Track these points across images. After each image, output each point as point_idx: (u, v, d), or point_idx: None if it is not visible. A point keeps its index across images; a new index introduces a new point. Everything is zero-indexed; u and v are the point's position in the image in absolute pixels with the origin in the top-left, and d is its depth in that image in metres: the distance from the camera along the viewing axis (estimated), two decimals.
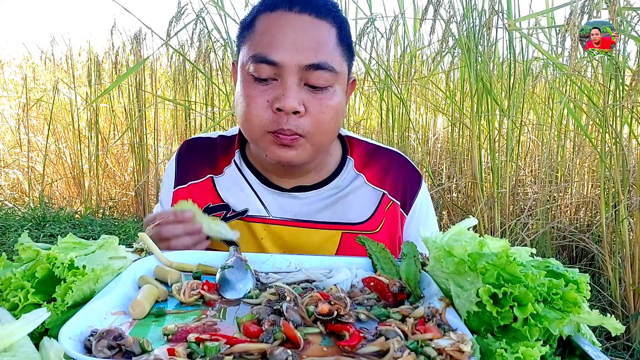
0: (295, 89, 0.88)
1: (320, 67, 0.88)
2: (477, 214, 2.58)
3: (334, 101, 0.92)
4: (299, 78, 0.89)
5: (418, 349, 0.52)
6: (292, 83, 0.88)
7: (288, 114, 0.88)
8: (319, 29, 0.90)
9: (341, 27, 0.94)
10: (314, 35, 0.89)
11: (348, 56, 0.96)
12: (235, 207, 1.04)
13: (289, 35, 0.88)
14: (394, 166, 1.08)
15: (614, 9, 1.95)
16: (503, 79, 3.05)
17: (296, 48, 0.87)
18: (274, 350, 0.50)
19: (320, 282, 0.74)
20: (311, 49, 0.88)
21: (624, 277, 2.33)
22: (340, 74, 0.92)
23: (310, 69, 0.88)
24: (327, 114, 0.91)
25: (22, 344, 0.47)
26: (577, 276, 0.57)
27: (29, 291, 0.57)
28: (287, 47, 0.88)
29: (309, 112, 0.90)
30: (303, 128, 0.90)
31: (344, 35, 0.94)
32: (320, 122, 0.91)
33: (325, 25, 0.91)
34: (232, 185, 1.06)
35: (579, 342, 0.56)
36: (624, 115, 2.36)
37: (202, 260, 0.80)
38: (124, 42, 4.35)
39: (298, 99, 0.88)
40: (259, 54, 0.89)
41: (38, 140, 4.88)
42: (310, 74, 0.88)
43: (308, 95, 0.90)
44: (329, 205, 1.04)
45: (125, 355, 0.51)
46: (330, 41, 0.91)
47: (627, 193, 2.32)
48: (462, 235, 0.67)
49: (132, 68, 3.93)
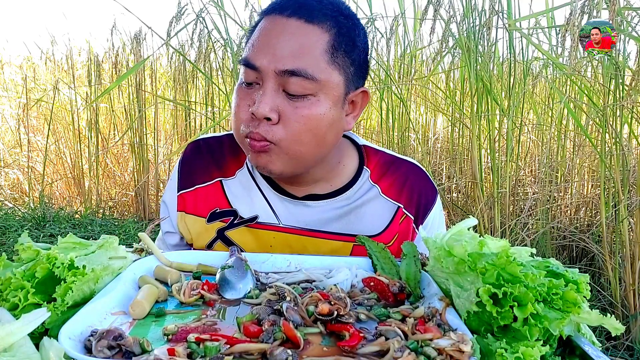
0: (270, 95, 0.85)
1: (296, 73, 0.84)
2: (477, 214, 2.58)
3: (314, 111, 0.86)
4: (277, 84, 0.86)
5: (418, 349, 0.52)
6: (267, 88, 0.86)
7: (260, 119, 0.86)
8: (306, 34, 0.85)
9: (340, 33, 0.88)
10: (298, 41, 0.85)
11: (347, 65, 0.89)
12: (244, 213, 1.01)
13: (271, 40, 0.86)
14: (410, 178, 1.05)
15: (614, 9, 1.95)
16: (503, 79, 3.05)
17: (275, 53, 0.85)
18: (274, 350, 0.50)
19: (320, 282, 0.74)
20: (290, 54, 0.84)
21: (624, 277, 2.33)
22: (325, 83, 0.86)
23: (286, 74, 0.84)
24: (303, 123, 0.86)
25: (22, 344, 0.47)
26: (577, 276, 0.57)
27: (29, 291, 0.57)
28: (267, 52, 0.86)
29: (283, 120, 0.86)
30: (274, 135, 0.86)
31: (343, 42, 0.88)
32: (294, 132, 0.86)
33: (315, 31, 0.86)
34: (242, 189, 1.03)
35: (579, 342, 0.56)
36: (624, 115, 2.36)
37: (202, 260, 0.80)
38: (124, 42, 4.35)
39: (271, 105, 0.85)
40: (244, 57, 0.88)
41: (38, 140, 4.88)
42: (286, 80, 0.84)
43: (285, 102, 0.86)
44: (342, 215, 1.01)
45: (125, 355, 0.51)
46: (317, 48, 0.85)
47: (627, 193, 2.32)
48: (462, 235, 0.67)
49: (132, 68, 3.93)
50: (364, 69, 0.95)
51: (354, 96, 0.93)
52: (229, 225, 1.01)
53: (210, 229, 1.02)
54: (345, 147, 1.05)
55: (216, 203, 1.02)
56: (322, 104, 0.87)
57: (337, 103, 0.90)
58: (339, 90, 0.89)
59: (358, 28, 0.92)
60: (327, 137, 0.91)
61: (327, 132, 0.90)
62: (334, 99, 0.88)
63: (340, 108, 0.91)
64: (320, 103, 0.87)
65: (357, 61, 0.92)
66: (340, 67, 0.88)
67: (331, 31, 0.87)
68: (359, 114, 0.97)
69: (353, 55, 0.90)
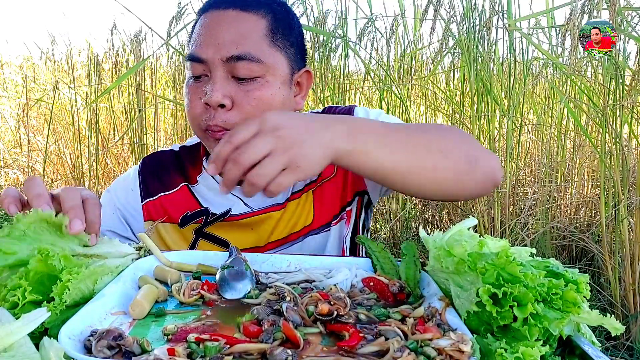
0: (221, 83, 0.90)
1: (241, 58, 0.89)
2: (477, 214, 2.58)
3: (264, 92, 0.91)
4: (225, 71, 0.90)
5: (418, 349, 0.52)
6: (217, 77, 0.90)
7: (215, 108, 0.90)
8: (243, 22, 0.91)
9: (276, 18, 0.94)
10: (237, 28, 0.91)
11: (287, 47, 0.96)
12: (216, 210, 1.04)
13: (212, 32, 0.91)
14: (334, 112, 1.09)
15: (614, 9, 1.95)
16: (503, 79, 3.05)
17: (218, 42, 0.90)
18: (273, 350, 0.50)
19: (320, 282, 0.74)
20: (232, 41, 0.90)
21: (624, 277, 2.33)
22: (270, 65, 0.92)
23: (232, 60, 0.89)
24: (256, 105, 0.91)
25: (22, 344, 0.47)
26: (577, 276, 0.57)
27: (26, 289, 0.57)
28: (210, 43, 0.91)
29: (237, 105, 0.91)
30: (231, 122, 0.90)
31: (280, 26, 0.94)
32: (250, 114, 0.91)
33: (252, 17, 0.92)
34: (207, 191, 1.06)
35: (579, 342, 0.56)
36: (624, 115, 2.36)
37: (202, 260, 0.80)
38: (124, 42, 4.34)
39: (223, 92, 0.89)
40: (189, 53, 0.93)
41: (38, 140, 4.88)
42: (234, 66, 0.90)
43: (236, 87, 0.91)
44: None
45: (125, 355, 0.51)
46: (257, 32, 0.91)
47: (627, 193, 2.31)
48: (462, 235, 0.67)
49: (132, 68, 3.93)
50: (303, 50, 1.02)
51: (299, 77, 1.00)
52: (204, 224, 1.04)
53: (185, 232, 1.05)
54: None
55: (186, 207, 1.06)
56: (272, 84, 0.92)
57: (285, 83, 0.95)
58: (285, 71, 0.95)
59: (291, 13, 1.00)
60: None
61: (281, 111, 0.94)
62: (281, 80, 0.94)
63: (289, 88, 0.97)
64: (269, 84, 0.92)
65: (296, 43, 0.98)
66: (282, 49, 0.94)
67: (267, 17, 0.93)
68: (306, 93, 1.03)
69: (291, 38, 0.97)
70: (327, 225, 1.06)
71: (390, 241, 3.22)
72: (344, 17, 2.85)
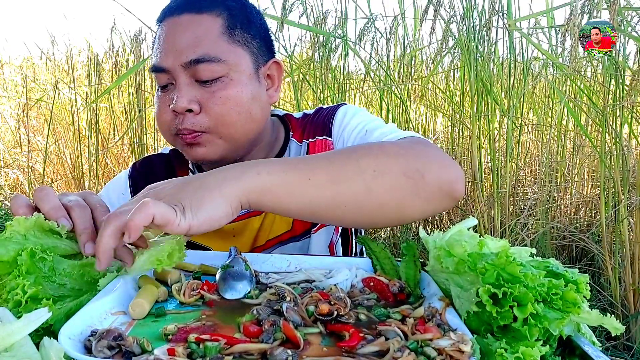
0: (185, 89, 0.90)
1: (200, 60, 0.89)
2: (477, 214, 2.58)
3: (230, 91, 0.91)
4: (188, 76, 0.90)
5: (418, 349, 0.52)
6: (181, 83, 0.90)
7: (183, 114, 0.90)
8: (198, 24, 0.91)
9: (232, 15, 0.93)
10: (193, 32, 0.90)
11: (248, 41, 0.94)
12: None
13: (170, 40, 0.91)
14: (321, 113, 1.09)
15: (614, 9, 1.96)
16: (503, 79, 3.05)
17: (176, 49, 0.90)
18: (274, 351, 0.50)
19: (320, 282, 0.74)
20: (189, 46, 0.89)
21: (624, 277, 2.33)
22: (232, 63, 0.91)
23: (193, 64, 0.89)
24: (223, 104, 0.90)
25: (23, 343, 0.47)
26: (577, 276, 0.57)
27: (24, 285, 0.57)
28: (169, 51, 0.91)
29: (205, 107, 0.90)
30: (201, 124, 0.90)
31: (237, 21, 0.93)
32: (219, 115, 0.90)
33: (206, 18, 0.91)
34: None
35: (579, 342, 0.56)
36: (624, 115, 2.36)
37: (203, 260, 0.80)
38: (124, 42, 4.34)
39: (188, 97, 0.89)
40: (152, 65, 0.94)
41: (38, 140, 4.88)
42: (195, 70, 0.89)
43: (201, 91, 0.90)
44: None
45: (125, 355, 0.51)
46: (213, 32, 0.91)
47: (627, 193, 2.32)
48: (462, 235, 0.67)
49: (132, 68, 3.92)
50: (268, 42, 1.01)
51: (267, 69, 0.99)
52: None
53: None
54: (278, 126, 1.10)
55: None
56: (236, 82, 0.92)
57: (252, 78, 0.94)
58: (249, 65, 0.94)
59: (249, 7, 0.99)
60: (252, 113, 0.94)
61: (251, 107, 0.94)
62: (247, 75, 0.94)
63: (257, 82, 0.96)
64: (234, 82, 0.91)
65: (258, 36, 0.97)
66: (242, 44, 0.94)
67: (222, 15, 0.93)
68: (279, 85, 1.02)
69: (252, 31, 0.96)
70: (307, 233, 1.05)
71: (390, 241, 3.22)
72: (343, 17, 2.85)
